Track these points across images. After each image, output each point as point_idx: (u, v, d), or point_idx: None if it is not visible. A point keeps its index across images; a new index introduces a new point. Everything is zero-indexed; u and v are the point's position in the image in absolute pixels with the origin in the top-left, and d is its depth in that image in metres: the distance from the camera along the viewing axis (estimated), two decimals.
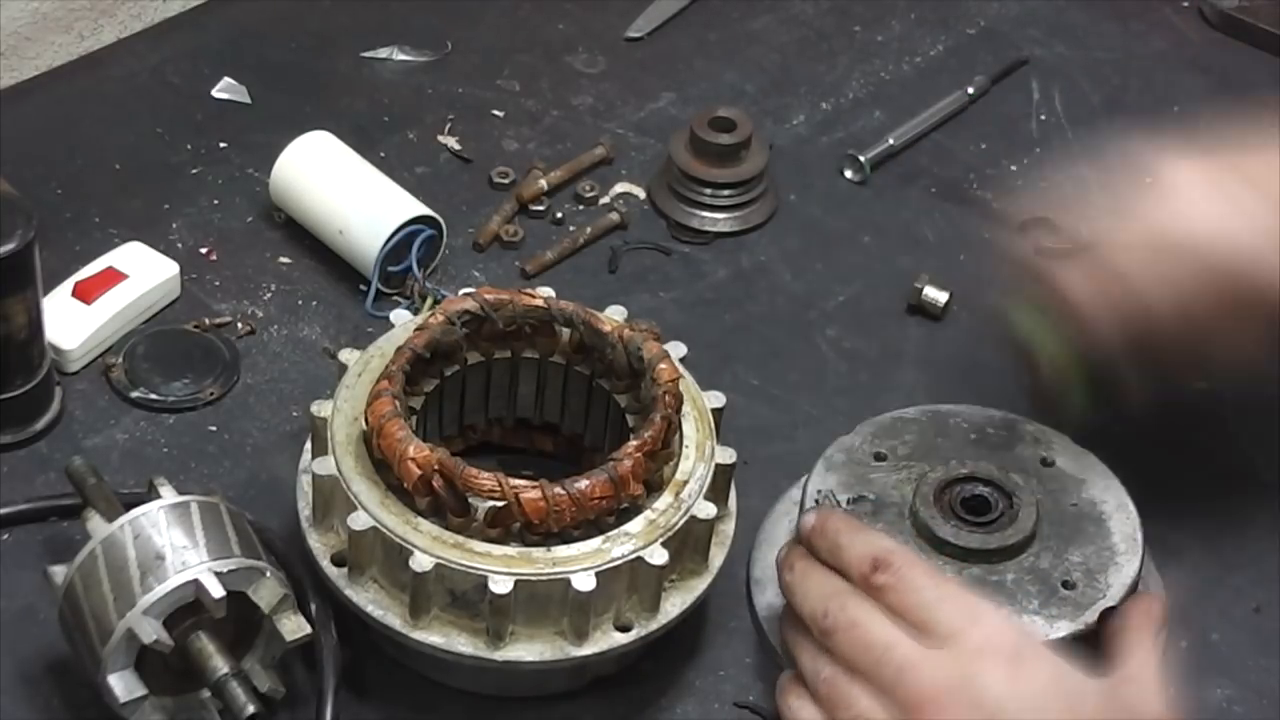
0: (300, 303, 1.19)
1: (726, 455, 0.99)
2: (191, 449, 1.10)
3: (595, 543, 0.94)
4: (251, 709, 0.91)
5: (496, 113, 1.35)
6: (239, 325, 1.17)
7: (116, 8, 1.40)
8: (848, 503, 1.01)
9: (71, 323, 1.13)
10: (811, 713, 0.92)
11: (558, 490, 0.92)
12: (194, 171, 1.27)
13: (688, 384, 1.01)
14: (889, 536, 0.96)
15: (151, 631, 0.89)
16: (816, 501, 1.01)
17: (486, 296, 1.02)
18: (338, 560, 0.96)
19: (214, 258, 1.21)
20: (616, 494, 0.94)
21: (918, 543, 0.99)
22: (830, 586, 0.93)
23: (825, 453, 1.04)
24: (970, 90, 1.39)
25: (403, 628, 0.94)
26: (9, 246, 1.01)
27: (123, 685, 0.90)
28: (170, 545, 0.92)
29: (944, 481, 1.01)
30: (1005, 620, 0.93)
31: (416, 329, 1.00)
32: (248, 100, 1.33)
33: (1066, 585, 0.98)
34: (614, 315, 1.04)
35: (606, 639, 0.95)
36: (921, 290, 1.21)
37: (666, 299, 1.22)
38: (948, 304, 1.21)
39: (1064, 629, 0.96)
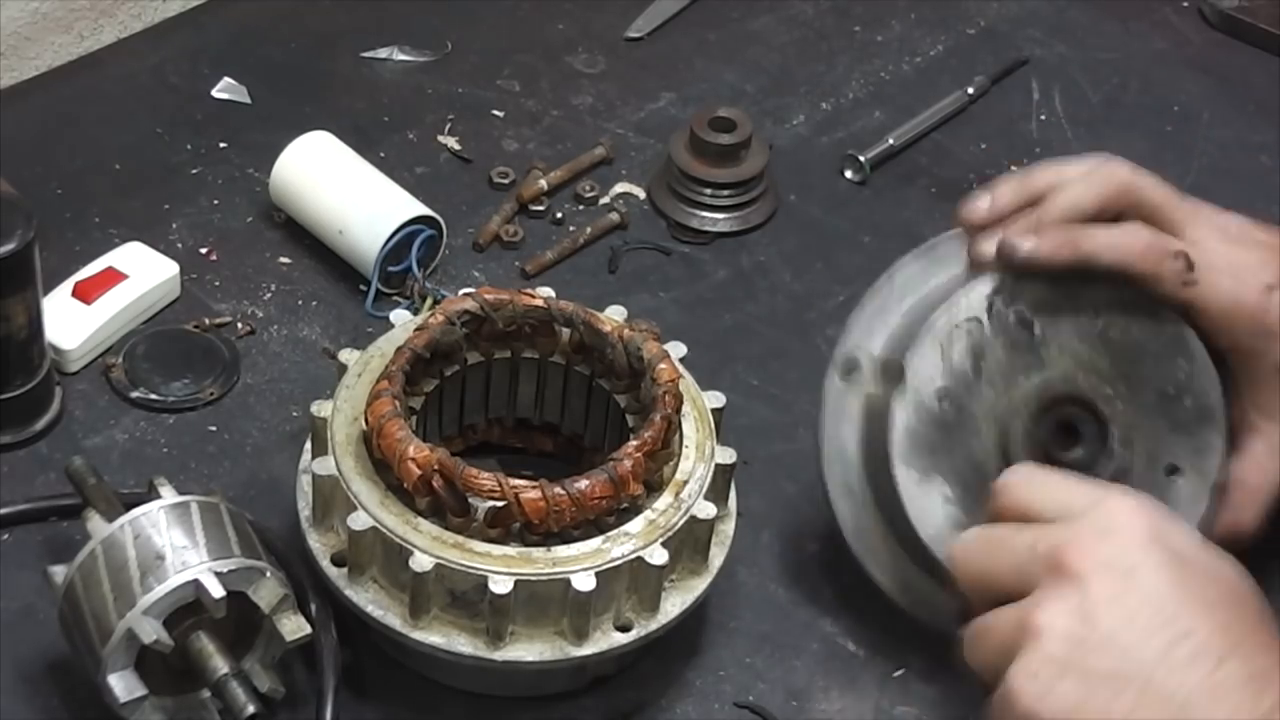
0: (300, 303, 1.19)
1: (726, 455, 0.99)
2: (191, 449, 1.10)
3: (595, 543, 0.94)
4: (251, 709, 0.91)
5: (496, 113, 1.35)
6: (239, 325, 1.17)
7: (116, 8, 1.40)
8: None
9: (71, 323, 1.13)
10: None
11: (558, 490, 0.92)
12: (194, 171, 1.27)
13: (688, 384, 1.01)
14: None
15: (151, 631, 0.89)
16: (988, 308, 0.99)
17: (486, 296, 1.02)
18: (338, 560, 0.95)
19: (214, 258, 1.21)
20: (616, 494, 0.94)
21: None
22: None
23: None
24: (970, 90, 1.39)
25: (403, 628, 0.94)
26: (9, 246, 1.01)
27: (123, 685, 0.90)
28: (170, 545, 0.92)
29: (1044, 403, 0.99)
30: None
31: (416, 329, 1.00)
32: (248, 100, 1.33)
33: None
34: (614, 315, 1.04)
35: (606, 639, 0.95)
36: None
37: (666, 299, 1.22)
38: None
39: None
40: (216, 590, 0.90)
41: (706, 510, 0.96)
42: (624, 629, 0.95)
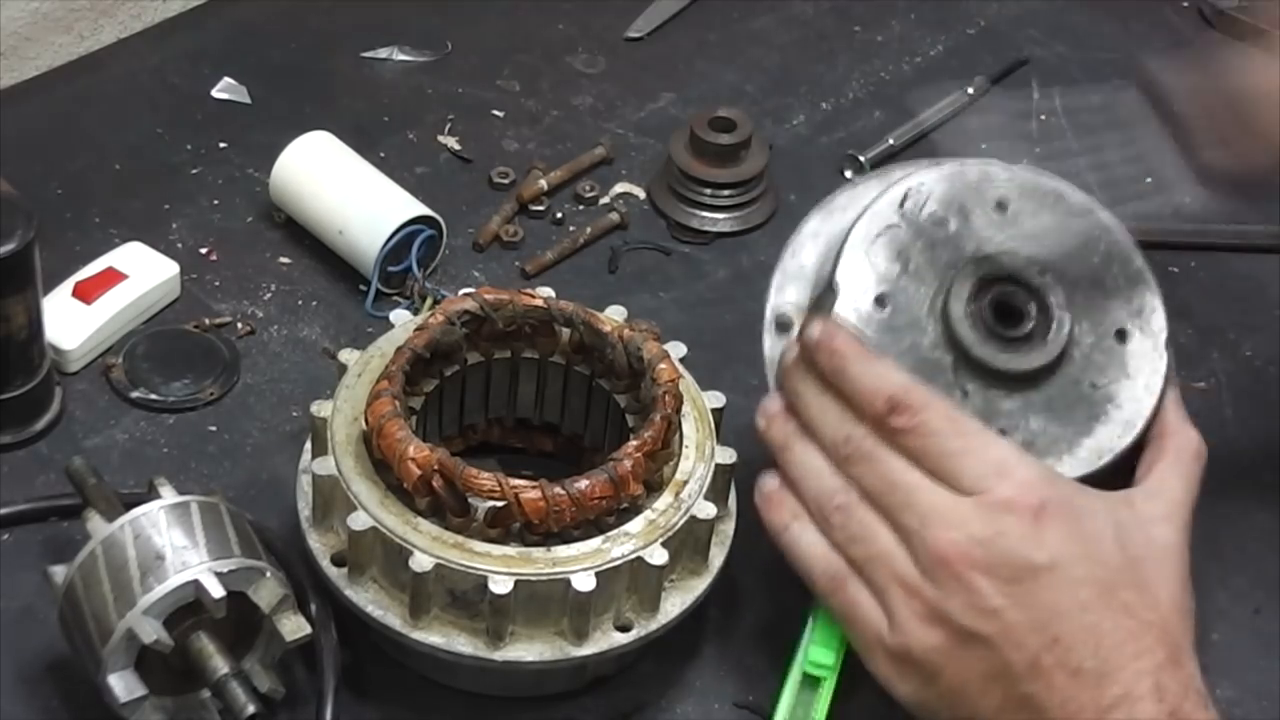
0: (300, 303, 1.19)
1: (726, 455, 0.99)
2: (191, 449, 1.10)
3: (595, 543, 0.94)
4: (251, 709, 0.91)
5: (496, 113, 1.35)
6: (239, 325, 1.17)
7: (116, 8, 1.40)
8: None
9: (71, 323, 1.13)
10: (814, 538, 0.91)
11: (558, 490, 0.92)
12: (194, 171, 1.27)
13: (688, 384, 1.01)
14: (898, 368, 0.92)
15: (151, 631, 0.89)
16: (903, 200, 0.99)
17: (486, 296, 1.02)
18: (338, 560, 0.96)
19: (214, 258, 1.21)
20: (616, 494, 0.94)
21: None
22: (844, 414, 0.91)
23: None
24: (970, 90, 1.39)
25: (403, 628, 0.94)
26: (9, 246, 1.01)
27: (123, 685, 0.90)
28: (170, 545, 0.92)
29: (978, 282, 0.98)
30: (1031, 471, 0.89)
31: (416, 329, 1.00)
32: (248, 100, 1.33)
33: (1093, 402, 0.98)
34: (614, 315, 1.04)
35: (606, 639, 0.95)
36: None
37: (666, 299, 1.22)
38: None
39: (1085, 452, 0.96)
40: (216, 590, 0.90)
41: (706, 510, 0.96)
42: (624, 629, 0.95)
